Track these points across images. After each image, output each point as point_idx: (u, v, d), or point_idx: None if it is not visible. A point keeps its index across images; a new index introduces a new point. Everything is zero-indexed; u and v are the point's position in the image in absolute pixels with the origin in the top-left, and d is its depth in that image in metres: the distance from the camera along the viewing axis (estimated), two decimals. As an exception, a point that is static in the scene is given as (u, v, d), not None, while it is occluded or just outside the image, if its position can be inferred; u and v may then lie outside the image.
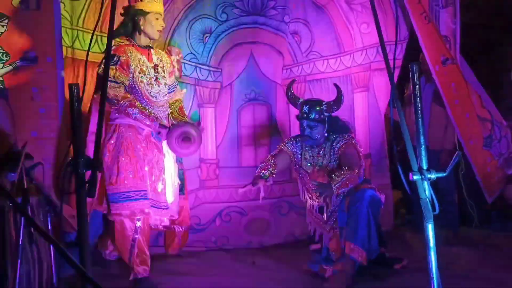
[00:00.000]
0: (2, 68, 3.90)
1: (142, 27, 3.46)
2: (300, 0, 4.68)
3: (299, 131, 3.64)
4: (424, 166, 1.97)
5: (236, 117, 4.58)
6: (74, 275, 2.91)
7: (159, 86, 3.54)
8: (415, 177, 1.95)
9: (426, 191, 1.94)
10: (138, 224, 3.33)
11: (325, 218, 3.52)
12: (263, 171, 3.55)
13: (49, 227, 2.76)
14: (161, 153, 3.50)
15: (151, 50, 3.58)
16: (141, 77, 3.46)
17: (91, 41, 3.40)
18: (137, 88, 3.46)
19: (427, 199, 1.93)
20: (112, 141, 3.40)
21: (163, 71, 3.59)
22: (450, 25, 4.70)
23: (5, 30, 3.92)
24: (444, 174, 1.97)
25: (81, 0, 4.23)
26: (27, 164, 2.74)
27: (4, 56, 3.92)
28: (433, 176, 1.94)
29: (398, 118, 2.07)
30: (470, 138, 4.60)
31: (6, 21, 3.91)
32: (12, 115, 3.81)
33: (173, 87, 3.78)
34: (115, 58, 3.39)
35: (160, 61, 3.61)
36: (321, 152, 3.55)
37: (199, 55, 4.42)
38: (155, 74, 3.51)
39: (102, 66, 3.34)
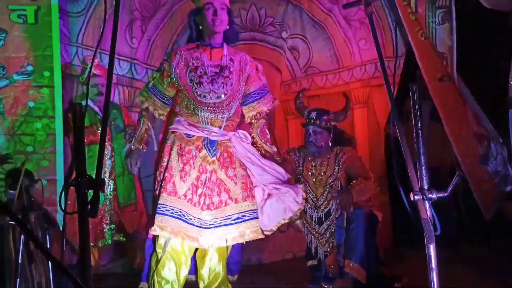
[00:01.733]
0: (-1, 81, 3.94)
1: (200, 26, 3.15)
2: (298, 16, 4.76)
3: (304, 138, 3.66)
4: (425, 186, 1.99)
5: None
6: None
7: (212, 85, 3.09)
8: (416, 197, 1.97)
9: (427, 211, 1.96)
10: (168, 241, 3.05)
11: (322, 230, 3.54)
12: None
13: (48, 245, 2.75)
14: (213, 167, 3.12)
15: (218, 48, 3.17)
16: (191, 76, 3.10)
17: (93, 59, 3.38)
18: (183, 88, 3.12)
19: (429, 219, 1.95)
20: (166, 150, 3.14)
21: (230, 73, 3.15)
22: (446, 41, 4.76)
23: (2, 44, 3.96)
24: (445, 194, 1.99)
25: (80, 16, 4.30)
26: (26, 181, 2.74)
27: (1, 69, 3.95)
28: (434, 196, 1.96)
29: (398, 135, 2.09)
30: (467, 156, 4.63)
31: (4, 35, 3.96)
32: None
33: (255, 95, 3.28)
34: (160, 65, 3.23)
35: (232, 61, 3.18)
36: (324, 163, 3.57)
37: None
38: (216, 73, 3.11)
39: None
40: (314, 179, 3.59)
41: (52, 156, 3.93)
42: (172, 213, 3.01)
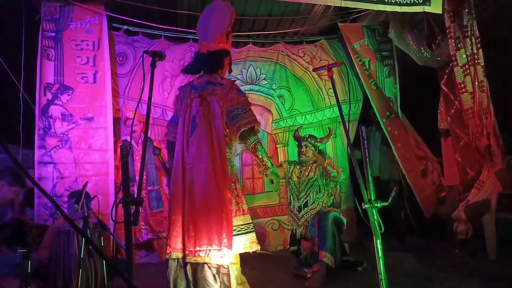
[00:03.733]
0: (68, 125, 4.03)
1: (230, 66, 2.74)
2: (283, 74, 4.90)
3: (297, 153, 3.85)
4: (373, 197, 2.06)
5: (240, 158, 4.72)
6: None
7: None
8: (366, 206, 2.04)
9: (374, 216, 2.03)
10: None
11: (300, 215, 3.61)
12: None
13: (102, 244, 2.81)
14: None
15: None
16: None
17: (137, 107, 3.42)
18: None
19: (375, 222, 2.02)
20: None
21: None
22: (392, 89, 4.88)
23: (70, 98, 4.07)
24: (387, 204, 2.06)
25: (126, 76, 4.43)
26: (87, 197, 2.82)
27: (69, 116, 4.06)
28: (379, 205, 2.03)
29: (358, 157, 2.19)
30: (411, 171, 4.70)
31: (71, 91, 4.07)
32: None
33: None
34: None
35: None
36: (307, 169, 3.74)
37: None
38: None
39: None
40: (298, 179, 3.72)
41: (106, 178, 4.01)
42: None
